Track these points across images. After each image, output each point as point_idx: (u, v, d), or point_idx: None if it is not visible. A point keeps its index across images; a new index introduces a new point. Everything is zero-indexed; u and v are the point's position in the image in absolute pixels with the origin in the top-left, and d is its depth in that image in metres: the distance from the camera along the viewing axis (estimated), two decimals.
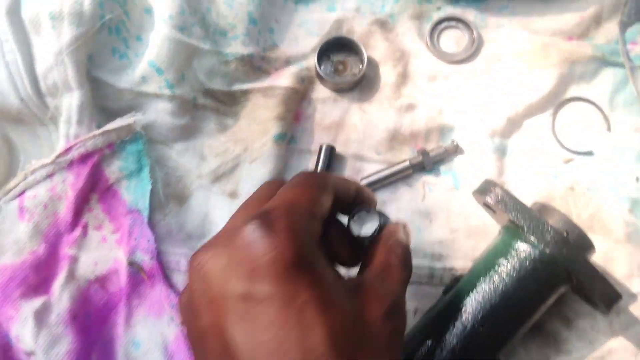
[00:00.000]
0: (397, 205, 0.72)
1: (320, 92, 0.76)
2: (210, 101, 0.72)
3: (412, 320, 0.67)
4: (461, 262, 0.70)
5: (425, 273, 0.70)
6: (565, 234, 0.62)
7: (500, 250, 0.63)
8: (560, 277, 0.61)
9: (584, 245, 0.63)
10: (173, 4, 0.68)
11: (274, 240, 0.34)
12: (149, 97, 0.68)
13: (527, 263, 0.61)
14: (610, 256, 0.70)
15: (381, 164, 0.74)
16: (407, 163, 0.72)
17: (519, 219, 0.61)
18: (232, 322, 0.32)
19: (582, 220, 0.72)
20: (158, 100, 0.68)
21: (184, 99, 0.68)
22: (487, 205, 0.65)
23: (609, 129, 0.76)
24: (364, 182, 0.71)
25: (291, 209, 0.37)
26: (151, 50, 0.67)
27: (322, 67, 0.76)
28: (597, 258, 0.70)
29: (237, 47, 0.72)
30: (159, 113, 0.68)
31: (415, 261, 0.68)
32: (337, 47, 0.77)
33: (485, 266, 0.63)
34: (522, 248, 0.61)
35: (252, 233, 0.34)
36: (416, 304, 0.69)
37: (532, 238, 0.60)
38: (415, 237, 0.71)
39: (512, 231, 0.63)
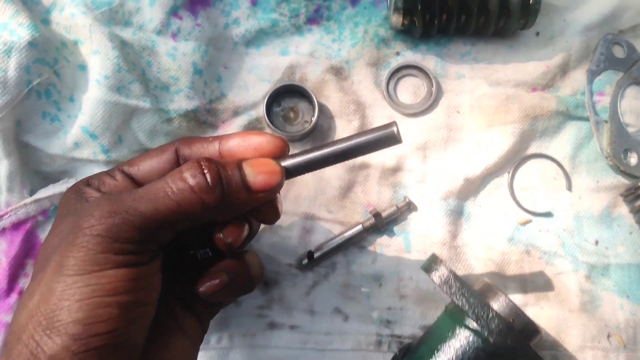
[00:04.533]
0: (347, 269, 0.70)
1: None
2: None
3: None
4: (409, 329, 0.69)
5: (372, 340, 0.68)
6: (511, 321, 0.60)
7: (444, 332, 0.61)
8: None
9: (530, 332, 0.61)
10: (109, 63, 0.63)
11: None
12: (84, 161, 0.65)
13: (470, 351, 0.59)
14: (563, 326, 0.69)
15: (333, 223, 0.71)
16: (360, 227, 0.69)
17: (464, 304, 0.59)
18: None
19: (537, 287, 0.70)
20: (93, 165, 0.65)
21: (121, 162, 0.65)
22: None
23: (569, 188, 0.73)
24: (317, 255, 0.69)
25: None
26: (84, 115, 0.63)
27: (273, 115, 0.72)
28: (550, 328, 0.68)
29: (180, 102, 0.68)
30: None
31: (363, 327, 0.67)
32: (289, 93, 0.73)
33: (429, 347, 0.61)
34: (465, 335, 0.59)
35: None
36: None
37: (476, 325, 0.58)
38: (364, 303, 0.69)
39: (457, 314, 0.61)
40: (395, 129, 0.50)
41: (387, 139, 0.51)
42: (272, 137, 0.53)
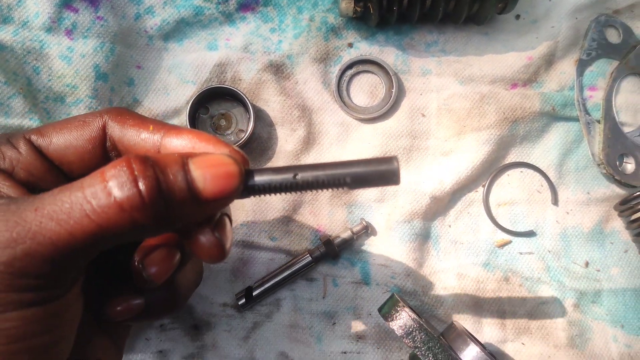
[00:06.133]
0: (293, 306, 0.59)
1: None
2: None
3: None
4: None
5: None
6: None
7: None
8: None
9: None
10: None
11: None
12: None
13: None
14: None
15: (276, 252, 0.60)
16: (308, 257, 0.58)
17: None
18: None
19: (518, 319, 0.60)
20: None
21: None
22: None
23: (555, 201, 0.62)
24: (257, 291, 0.57)
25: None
26: None
27: (199, 123, 0.60)
28: None
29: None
30: None
31: None
32: (219, 97, 0.60)
33: None
34: None
35: None
36: None
37: None
38: (314, 347, 0.58)
39: None
40: (395, 165, 0.38)
41: (383, 176, 0.38)
42: (234, 153, 0.39)
